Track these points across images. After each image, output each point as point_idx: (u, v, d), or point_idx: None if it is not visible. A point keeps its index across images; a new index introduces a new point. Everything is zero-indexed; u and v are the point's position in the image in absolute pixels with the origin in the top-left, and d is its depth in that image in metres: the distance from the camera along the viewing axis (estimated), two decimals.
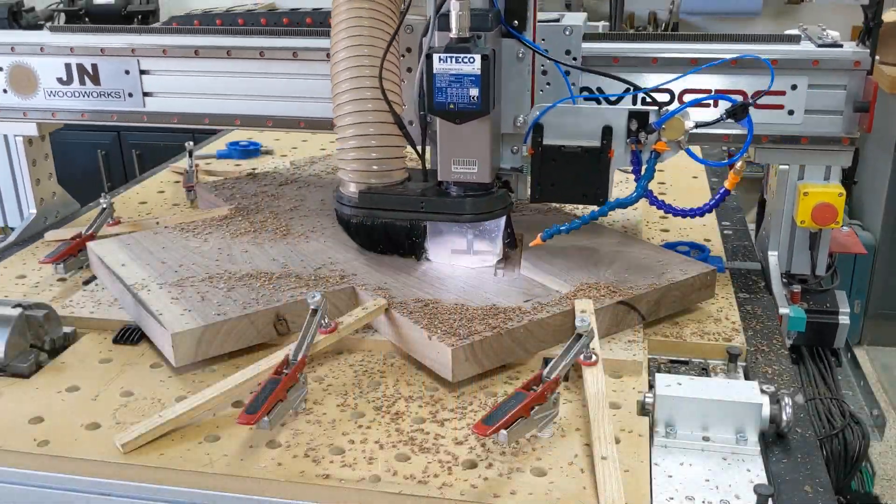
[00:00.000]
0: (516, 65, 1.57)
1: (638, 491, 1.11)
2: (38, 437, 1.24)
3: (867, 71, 1.65)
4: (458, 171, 1.55)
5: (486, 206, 1.58)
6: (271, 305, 1.47)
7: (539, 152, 1.55)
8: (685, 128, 1.47)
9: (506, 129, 1.61)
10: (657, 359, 1.48)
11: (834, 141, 1.69)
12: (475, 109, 1.46)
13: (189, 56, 1.90)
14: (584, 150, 1.53)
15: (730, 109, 1.47)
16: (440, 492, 1.10)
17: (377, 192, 1.61)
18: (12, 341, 1.40)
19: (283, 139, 2.85)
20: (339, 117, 1.61)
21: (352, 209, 1.63)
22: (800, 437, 1.25)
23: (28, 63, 1.98)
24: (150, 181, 2.48)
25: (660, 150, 1.49)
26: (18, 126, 2.05)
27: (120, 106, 1.97)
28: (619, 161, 1.53)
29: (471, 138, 1.51)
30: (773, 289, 1.74)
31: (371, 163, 1.60)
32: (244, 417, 1.15)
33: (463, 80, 1.44)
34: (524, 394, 1.17)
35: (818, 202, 1.68)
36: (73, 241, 1.79)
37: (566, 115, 1.53)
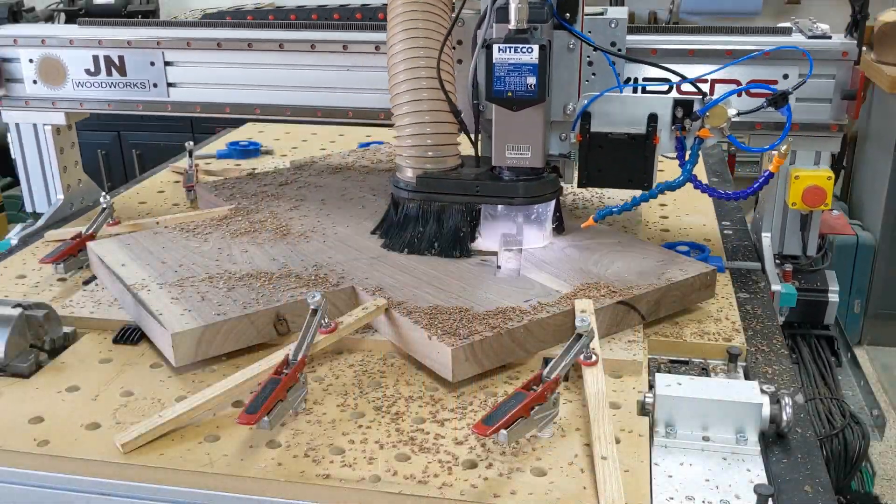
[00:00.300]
0: (566, 55, 1.67)
1: (638, 491, 1.11)
2: (38, 437, 1.24)
3: (854, 61, 1.74)
4: (511, 157, 1.63)
5: (537, 189, 1.67)
6: (271, 305, 1.47)
7: (587, 139, 1.61)
8: (728, 115, 1.53)
9: (555, 117, 1.71)
10: (657, 359, 1.48)
11: (823, 127, 1.79)
12: (532, 97, 1.54)
13: (212, 48, 2.00)
14: (630, 136, 1.59)
15: (770, 98, 1.54)
16: (440, 492, 1.10)
17: (434, 176, 1.69)
18: (12, 341, 1.40)
19: (283, 139, 2.85)
20: (396, 106, 1.69)
21: (409, 193, 1.71)
22: (800, 437, 1.25)
23: (57, 55, 2.07)
24: (150, 181, 2.49)
25: (703, 136, 1.56)
26: (47, 115, 2.14)
27: (145, 96, 2.07)
28: (664, 147, 1.59)
29: (525, 124, 1.60)
30: (766, 267, 1.84)
31: (427, 149, 1.69)
32: (244, 417, 1.15)
33: (521, 69, 1.52)
34: (524, 394, 1.17)
35: (808, 185, 1.78)
36: (73, 241, 1.79)
37: (613, 103, 1.59)
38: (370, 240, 1.77)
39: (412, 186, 1.70)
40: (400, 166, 1.73)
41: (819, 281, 1.89)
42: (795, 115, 1.68)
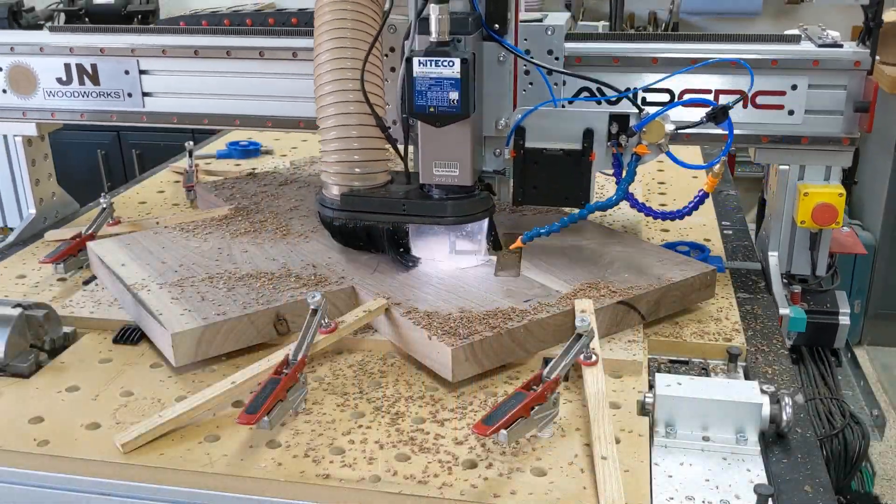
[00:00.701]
0: (497, 68, 1.57)
1: (638, 491, 1.11)
2: (38, 437, 1.24)
3: (867, 71, 1.64)
4: (439, 174, 1.55)
5: (468, 208, 1.58)
6: (271, 305, 1.47)
7: (521, 155, 1.55)
8: (665, 131, 1.47)
9: (487, 132, 1.61)
10: (657, 359, 1.48)
11: (834, 141, 1.68)
12: (455, 112, 1.47)
13: (189, 56, 1.90)
14: (565, 152, 1.53)
15: (710, 113, 1.47)
16: (440, 492, 1.10)
17: (359, 194, 1.61)
18: (12, 341, 1.40)
19: (283, 139, 2.85)
20: (322, 119, 1.61)
21: (334, 212, 1.63)
22: (800, 437, 1.25)
23: (27, 63, 1.97)
24: (150, 181, 2.49)
25: (640, 153, 1.50)
26: (18, 126, 2.05)
27: (119, 106, 1.97)
28: (601, 164, 1.54)
29: (451, 141, 1.52)
30: (774, 289, 1.74)
31: (353, 165, 1.60)
32: (244, 417, 1.15)
33: (443, 83, 1.45)
34: (524, 394, 1.17)
35: (818, 202, 1.68)
36: (73, 241, 1.79)
37: (548, 117, 1.53)
38: None
39: (336, 205, 1.62)
40: (325, 183, 1.65)
41: (829, 302, 1.80)
42: (805, 128, 1.67)
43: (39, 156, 2.14)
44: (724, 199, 2.28)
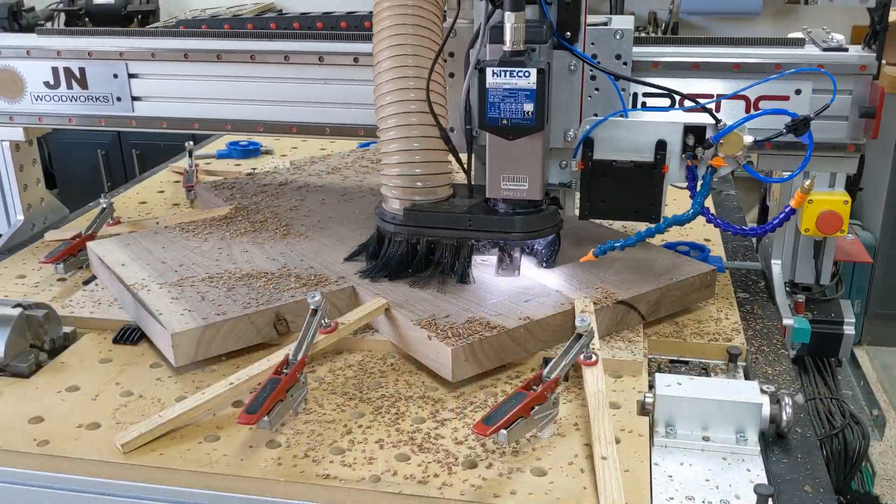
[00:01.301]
0: (567, 77, 1.53)
1: (638, 491, 1.11)
2: (37, 437, 1.24)
3: (873, 76, 1.59)
4: (507, 188, 1.50)
5: (536, 223, 1.54)
6: (271, 305, 1.47)
7: (589, 167, 1.49)
8: (744, 143, 1.42)
9: (555, 144, 1.57)
10: (657, 359, 1.48)
11: (839, 147, 1.63)
12: (529, 125, 1.41)
13: (179, 59, 1.86)
14: (636, 165, 1.47)
15: (790, 124, 1.42)
16: (440, 492, 1.10)
17: (423, 209, 1.55)
18: (12, 341, 1.40)
19: (283, 139, 2.85)
20: (383, 130, 1.55)
21: (396, 226, 1.57)
22: (800, 437, 1.25)
23: (14, 67, 1.93)
24: (150, 181, 2.49)
25: (717, 165, 1.44)
26: (5, 131, 2.00)
27: (108, 110, 1.93)
28: (674, 177, 1.48)
29: (522, 154, 1.46)
30: (777, 298, 1.72)
31: (416, 179, 1.54)
32: (244, 417, 1.15)
33: (517, 94, 1.39)
34: (524, 393, 1.17)
35: (823, 210, 1.63)
36: (73, 241, 1.79)
37: (618, 128, 1.47)
38: None
39: (399, 219, 1.56)
40: (386, 197, 1.59)
41: (833, 311, 1.77)
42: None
43: (27, 161, 2.10)
44: (724, 199, 2.28)
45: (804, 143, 1.42)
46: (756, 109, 1.61)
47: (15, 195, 2.06)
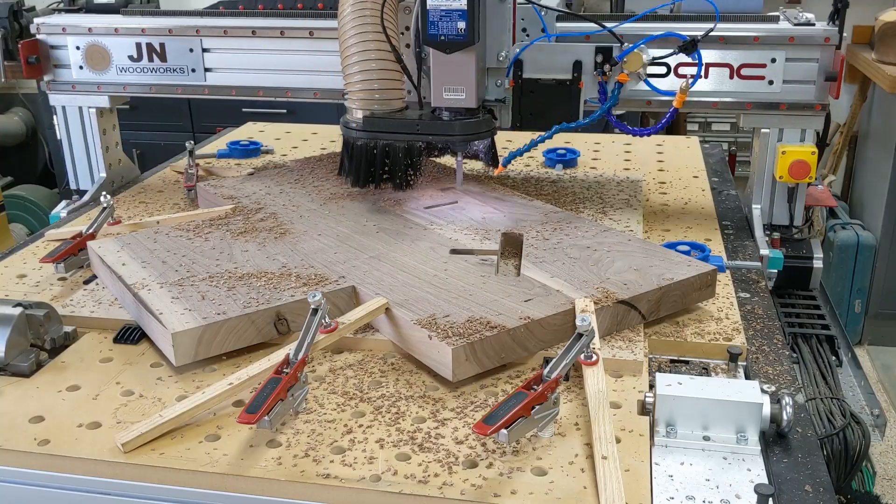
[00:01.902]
0: (498, 6, 1.82)
1: (638, 491, 1.11)
2: (38, 437, 1.24)
3: (836, 46, 1.89)
4: (448, 97, 1.79)
5: (473, 127, 1.83)
6: (272, 305, 1.47)
7: (519, 84, 1.83)
8: (643, 60, 1.74)
9: (490, 64, 1.87)
10: (657, 358, 1.48)
11: (808, 107, 1.95)
12: (462, 40, 1.70)
13: (247, 35, 2.17)
14: (557, 82, 1.81)
15: (681, 45, 1.74)
16: (440, 491, 1.10)
17: (379, 116, 1.84)
18: (13, 340, 1.40)
19: (283, 139, 2.85)
20: (346, 56, 1.84)
21: (357, 132, 1.86)
22: (800, 437, 1.25)
23: (103, 42, 2.24)
24: (150, 181, 2.49)
25: (622, 80, 1.77)
26: (92, 99, 2.30)
27: (184, 80, 2.23)
28: (589, 91, 1.82)
29: (459, 67, 1.76)
30: (756, 234, 2.00)
31: (374, 92, 1.83)
32: (245, 417, 1.15)
33: (452, 14, 1.68)
34: (524, 393, 1.17)
35: (794, 159, 1.94)
36: (74, 241, 1.78)
37: (542, 51, 1.81)
38: (370, 239, 1.77)
39: (359, 126, 1.85)
40: (349, 108, 1.87)
41: (805, 249, 2.03)
42: (783, 95, 1.94)
43: (109, 126, 2.40)
44: (725, 199, 2.28)
45: (694, 59, 1.76)
46: (739, 76, 1.94)
47: (99, 155, 2.37)
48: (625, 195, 2.18)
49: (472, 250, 1.71)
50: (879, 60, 3.95)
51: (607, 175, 2.37)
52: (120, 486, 1.18)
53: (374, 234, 1.80)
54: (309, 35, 2.12)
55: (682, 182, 2.37)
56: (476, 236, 1.79)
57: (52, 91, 2.31)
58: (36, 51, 2.26)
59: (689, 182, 2.37)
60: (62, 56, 2.27)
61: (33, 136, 5.23)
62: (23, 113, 5.17)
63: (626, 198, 2.16)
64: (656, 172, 2.45)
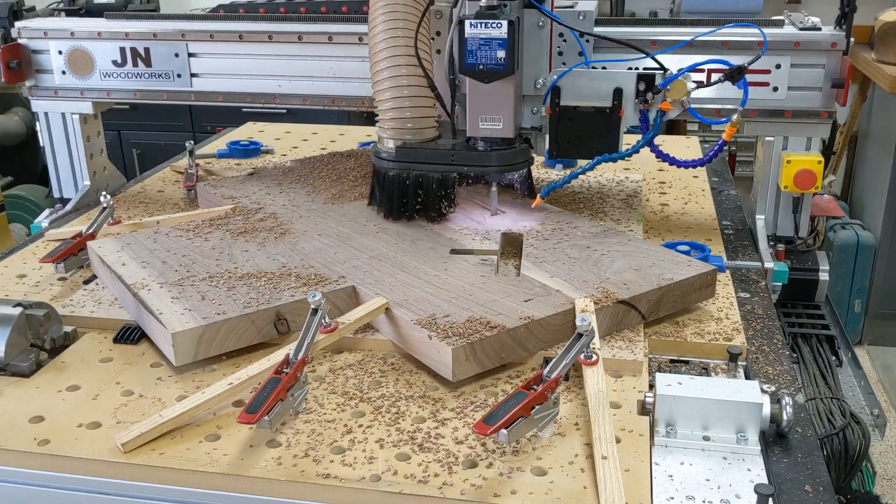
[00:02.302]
0: (536, 32, 1.78)
1: (638, 491, 1.11)
2: (38, 437, 1.24)
3: (843, 51, 1.83)
4: (485, 127, 1.75)
5: (510, 158, 1.80)
6: (272, 305, 1.47)
7: (556, 112, 1.74)
8: (688, 88, 1.65)
9: (527, 91, 1.82)
10: (657, 358, 1.48)
11: (814, 114, 1.89)
12: (502, 69, 1.66)
13: (234, 40, 2.10)
14: (596, 109, 1.72)
15: (727, 73, 1.65)
16: (440, 491, 1.10)
17: (412, 146, 1.80)
18: (12, 340, 1.40)
19: (283, 139, 2.85)
20: (377, 82, 1.80)
21: (389, 162, 1.81)
22: (800, 437, 1.25)
23: (86, 47, 2.17)
24: (150, 181, 2.49)
25: (665, 108, 1.67)
26: (75, 105, 2.24)
27: (169, 86, 2.17)
28: (629, 120, 1.72)
29: (496, 96, 1.72)
30: (760, 246, 1.93)
31: (406, 121, 1.80)
32: (244, 417, 1.15)
33: (491, 43, 1.63)
34: (524, 393, 1.17)
35: (799, 169, 1.88)
36: (74, 241, 1.78)
37: (581, 77, 1.72)
38: (370, 239, 1.77)
39: (392, 156, 1.80)
40: (381, 138, 1.84)
41: (810, 260, 1.98)
42: (788, 102, 1.86)
43: (93, 132, 2.34)
44: (725, 199, 2.28)
45: (740, 88, 1.66)
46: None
47: (83, 163, 2.31)
48: (625, 195, 2.18)
49: (472, 250, 1.71)
50: (879, 60, 3.95)
51: (607, 175, 2.37)
52: (120, 486, 1.18)
53: (374, 234, 1.80)
54: (298, 39, 2.05)
55: (681, 182, 2.37)
56: (476, 236, 1.79)
57: (35, 97, 2.25)
58: (17, 55, 2.20)
59: (689, 182, 2.37)
60: (44, 61, 2.21)
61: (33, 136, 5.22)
62: (23, 113, 5.17)
63: (626, 198, 2.16)
64: (656, 172, 2.45)
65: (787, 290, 1.90)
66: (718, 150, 1.73)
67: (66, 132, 2.28)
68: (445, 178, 1.81)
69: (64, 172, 2.33)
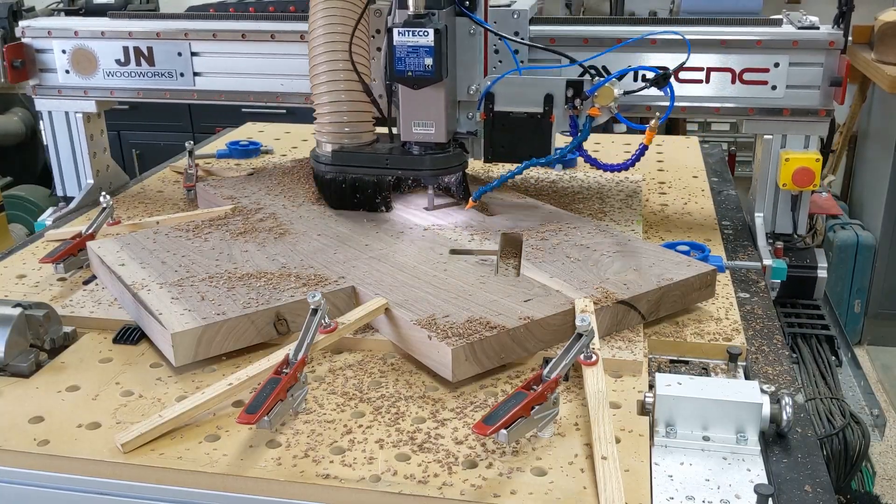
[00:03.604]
0: (468, 39, 1.79)
1: (638, 491, 1.11)
2: (38, 437, 1.24)
3: (841, 50, 1.85)
4: (418, 132, 1.77)
5: (444, 162, 1.82)
6: (271, 305, 1.47)
7: (490, 118, 1.79)
8: (615, 94, 1.68)
9: (461, 97, 1.83)
10: (657, 358, 1.48)
11: (812, 112, 1.90)
12: (430, 76, 1.69)
13: (236, 39, 2.12)
14: (529, 115, 1.77)
15: (651, 79, 1.66)
16: (440, 492, 1.10)
17: (348, 150, 1.85)
18: (12, 341, 1.40)
19: (283, 139, 2.85)
20: (316, 86, 1.84)
21: (326, 166, 1.86)
22: (800, 437, 1.25)
23: (89, 46, 2.19)
24: (150, 181, 2.49)
25: (593, 114, 1.72)
26: (79, 104, 2.26)
27: (172, 85, 2.19)
28: (560, 125, 1.76)
29: (428, 102, 1.74)
30: (758, 244, 1.95)
31: (343, 125, 1.84)
32: (244, 417, 1.15)
33: (419, 50, 1.66)
34: (524, 393, 1.17)
35: (798, 167, 1.90)
36: (73, 241, 1.78)
37: (513, 84, 1.77)
38: (370, 239, 1.77)
39: (328, 160, 1.85)
40: (319, 142, 1.88)
41: (809, 258, 1.99)
42: (786, 101, 1.88)
43: (97, 131, 2.35)
44: (725, 199, 2.28)
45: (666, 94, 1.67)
46: (742, 81, 1.91)
47: (86, 162, 2.33)
48: (624, 195, 2.18)
49: (472, 250, 1.71)
50: (879, 60, 3.95)
51: (607, 175, 2.37)
52: (119, 486, 1.18)
53: (374, 234, 1.80)
54: (300, 39, 2.07)
55: (681, 182, 2.37)
56: (476, 236, 1.79)
57: (38, 96, 2.27)
58: (21, 54, 2.21)
59: (688, 182, 2.37)
60: (48, 60, 2.23)
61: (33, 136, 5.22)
62: (22, 113, 5.17)
63: (625, 198, 2.16)
64: (656, 172, 2.45)
65: (786, 287, 1.92)
66: (640, 155, 1.75)
67: (69, 131, 2.30)
68: (381, 181, 1.86)
69: (67, 171, 2.35)
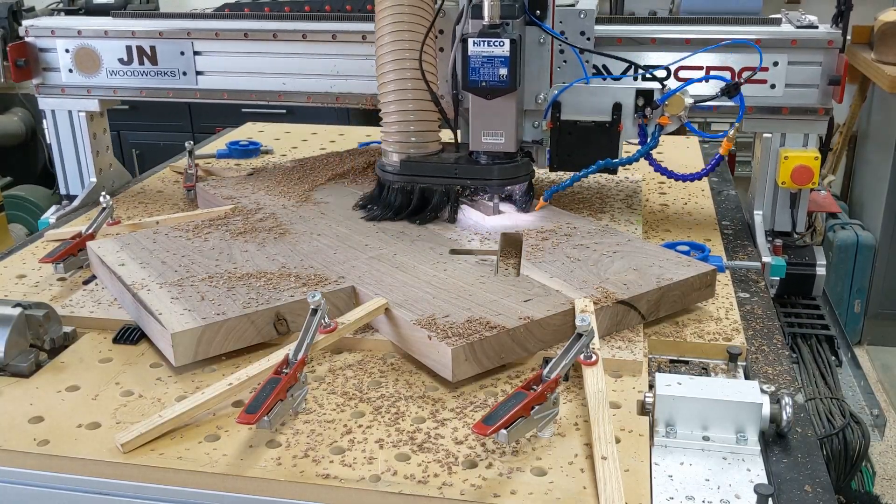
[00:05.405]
0: (537, 48, 1.81)
1: (638, 491, 1.11)
2: (37, 437, 1.24)
3: (839, 49, 1.87)
4: (487, 142, 1.79)
5: (512, 172, 1.83)
6: (271, 305, 1.47)
7: (557, 126, 1.78)
8: (685, 104, 1.69)
9: (528, 106, 1.85)
10: (657, 358, 1.48)
11: (811, 111, 1.92)
12: (504, 86, 1.69)
13: (238, 38, 2.13)
14: (596, 124, 1.76)
15: (723, 88, 1.69)
16: (440, 492, 1.10)
17: (416, 160, 1.85)
18: (12, 341, 1.40)
19: (283, 139, 2.85)
20: (383, 94, 1.84)
21: (394, 175, 1.86)
22: (800, 437, 1.25)
23: (92, 45, 2.20)
24: (150, 181, 2.49)
25: (663, 123, 1.72)
26: (82, 102, 2.27)
27: (175, 84, 2.20)
28: (628, 134, 1.76)
29: (499, 112, 1.76)
30: (758, 241, 1.96)
31: (410, 135, 1.85)
32: (244, 417, 1.15)
33: (494, 60, 1.67)
34: (524, 393, 1.17)
35: (797, 165, 1.91)
36: (73, 241, 1.78)
37: (581, 93, 1.77)
38: (370, 239, 1.77)
39: (396, 169, 1.85)
40: (385, 151, 1.88)
41: (807, 255, 2.00)
42: (785, 99, 1.92)
43: (99, 130, 2.36)
44: (725, 199, 2.28)
45: (736, 103, 1.71)
46: (741, 79, 1.85)
47: (89, 160, 2.33)
48: (625, 195, 2.18)
49: (472, 250, 1.71)
50: (879, 60, 3.95)
51: (607, 175, 2.37)
52: (119, 486, 1.18)
53: (374, 234, 1.80)
54: (302, 38, 2.08)
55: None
56: (476, 236, 1.79)
57: (42, 95, 2.28)
58: (25, 53, 2.22)
59: (688, 182, 2.36)
60: (51, 59, 2.24)
61: (33, 136, 5.23)
62: (22, 113, 5.17)
63: (625, 198, 2.16)
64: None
65: (785, 284, 1.93)
66: (715, 165, 1.78)
67: (72, 130, 2.30)
68: (449, 191, 1.85)
69: (70, 169, 2.36)
